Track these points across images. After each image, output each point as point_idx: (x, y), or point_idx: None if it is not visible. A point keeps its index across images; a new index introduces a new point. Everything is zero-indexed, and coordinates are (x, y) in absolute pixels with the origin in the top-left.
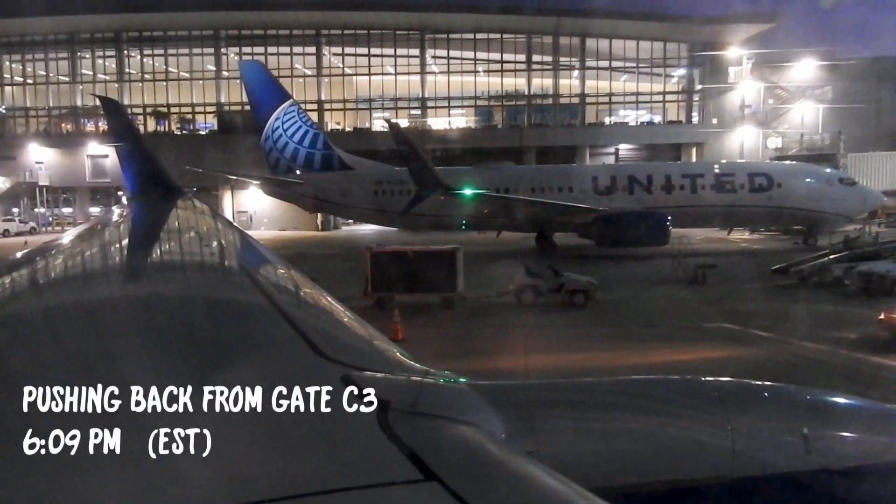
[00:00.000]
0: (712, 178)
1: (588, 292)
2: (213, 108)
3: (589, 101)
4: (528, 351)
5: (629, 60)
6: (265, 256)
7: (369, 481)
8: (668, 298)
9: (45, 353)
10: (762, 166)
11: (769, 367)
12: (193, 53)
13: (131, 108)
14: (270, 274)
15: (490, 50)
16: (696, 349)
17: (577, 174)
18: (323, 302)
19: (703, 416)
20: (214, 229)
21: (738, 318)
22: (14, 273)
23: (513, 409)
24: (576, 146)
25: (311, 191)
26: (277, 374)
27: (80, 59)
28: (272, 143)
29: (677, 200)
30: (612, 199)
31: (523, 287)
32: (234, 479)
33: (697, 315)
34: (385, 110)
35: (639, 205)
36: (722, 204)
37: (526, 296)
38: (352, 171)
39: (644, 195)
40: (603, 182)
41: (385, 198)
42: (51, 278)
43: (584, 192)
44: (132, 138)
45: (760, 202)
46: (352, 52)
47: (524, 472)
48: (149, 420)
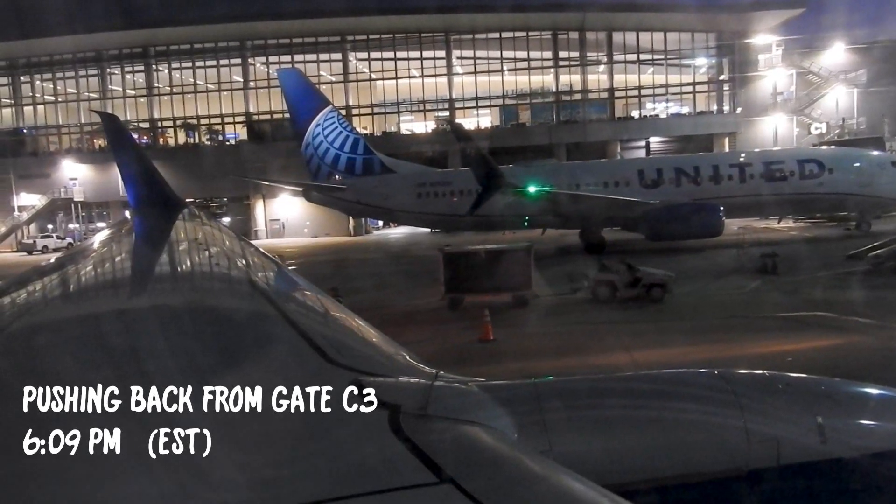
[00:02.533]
0: (761, 167)
1: (666, 286)
2: (242, 118)
3: (617, 95)
4: (628, 347)
5: (657, 52)
6: (271, 266)
7: (384, 485)
8: (746, 289)
9: (59, 363)
10: (812, 152)
11: (885, 354)
12: (221, 65)
13: (161, 121)
14: (277, 283)
15: (516, 48)
16: (800, 339)
17: (622, 168)
18: (330, 308)
19: (716, 410)
20: (219, 240)
21: (830, 306)
22: (27, 286)
23: (523, 408)
24: (605, 141)
25: (353, 195)
26: (288, 382)
27: (109, 76)
28: (313, 149)
29: (726, 191)
30: (659, 192)
31: (598, 283)
32: (250, 485)
33: (784, 305)
34: (413, 113)
35: (687, 197)
36: (773, 192)
37: (601, 291)
38: (393, 174)
39: (692, 187)
40: (649, 175)
41: (428, 199)
42: (65, 291)
43: (631, 185)
44: (133, 153)
45: (812, 189)
46: (378, 56)
47: (538, 471)
48: (162, 428)
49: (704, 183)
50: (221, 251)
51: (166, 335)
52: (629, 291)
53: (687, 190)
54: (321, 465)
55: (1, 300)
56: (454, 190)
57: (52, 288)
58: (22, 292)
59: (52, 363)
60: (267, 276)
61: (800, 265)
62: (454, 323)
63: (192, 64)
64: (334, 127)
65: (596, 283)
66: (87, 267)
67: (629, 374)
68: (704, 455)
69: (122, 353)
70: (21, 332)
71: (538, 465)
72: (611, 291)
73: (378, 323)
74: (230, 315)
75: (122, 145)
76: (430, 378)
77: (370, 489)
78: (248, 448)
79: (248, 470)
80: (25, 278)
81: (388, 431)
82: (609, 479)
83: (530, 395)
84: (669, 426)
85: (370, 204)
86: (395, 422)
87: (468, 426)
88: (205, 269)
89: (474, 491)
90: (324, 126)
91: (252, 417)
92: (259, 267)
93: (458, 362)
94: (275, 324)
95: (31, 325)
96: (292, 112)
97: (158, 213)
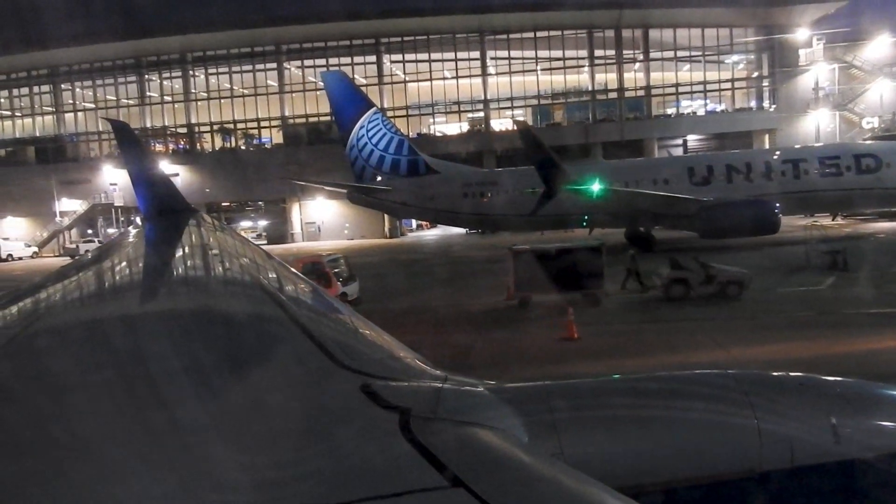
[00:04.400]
0: (816, 162)
1: (742, 283)
2: (278, 121)
3: (654, 92)
4: (722, 344)
5: (694, 49)
6: (281, 271)
7: (394, 489)
8: (823, 285)
9: (69, 368)
10: (868, 147)
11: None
12: (256, 69)
13: (198, 125)
14: (287, 288)
15: (551, 48)
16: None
17: (672, 165)
18: (339, 313)
19: (728, 411)
20: (230, 246)
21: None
22: (38, 292)
23: (535, 411)
24: (642, 139)
25: (398, 196)
26: (298, 385)
27: (147, 82)
28: (357, 151)
29: (780, 187)
30: (710, 189)
31: (672, 280)
32: (260, 488)
33: (872, 300)
34: (447, 114)
35: (739, 193)
36: (828, 188)
37: (676, 289)
38: (438, 175)
39: (744, 183)
40: (700, 172)
41: (475, 200)
42: (74, 297)
43: (681, 183)
44: (143, 160)
45: (869, 184)
46: (412, 58)
47: (550, 474)
48: (171, 431)
49: (757, 179)
50: (232, 257)
51: (177, 340)
52: (704, 289)
53: (739, 186)
54: (331, 468)
55: (7, 308)
56: (502, 190)
57: (61, 293)
58: (32, 298)
59: (61, 367)
60: (277, 280)
61: (868, 260)
62: (529, 322)
63: (228, 69)
64: (378, 128)
65: (669, 280)
66: (97, 274)
67: (640, 376)
68: (717, 456)
69: (133, 359)
70: (29, 337)
71: (549, 468)
72: (685, 289)
73: (450, 324)
74: (240, 320)
75: (133, 153)
76: (440, 381)
77: (380, 493)
78: (259, 451)
79: (259, 473)
80: (37, 284)
81: (397, 434)
82: (620, 482)
83: (540, 398)
84: (681, 428)
85: (415, 205)
86: (405, 425)
87: (478, 429)
88: (215, 275)
89: (485, 494)
90: (368, 128)
91: (262, 421)
92: (269, 272)
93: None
94: (285, 328)
95: (39, 331)
96: (336, 114)
97: (169, 220)
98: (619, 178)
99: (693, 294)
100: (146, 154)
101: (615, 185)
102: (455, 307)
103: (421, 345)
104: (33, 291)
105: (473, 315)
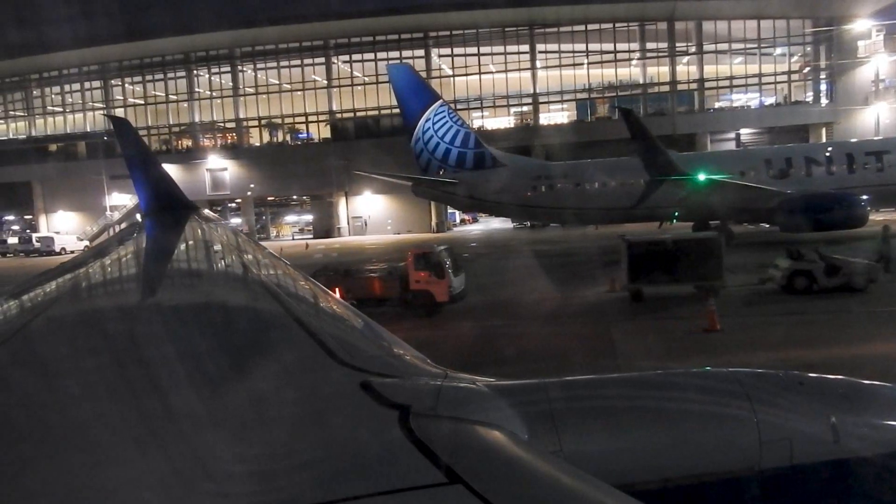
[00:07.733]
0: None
1: (869, 275)
2: (326, 116)
3: (708, 86)
4: (875, 336)
5: (749, 41)
6: (282, 268)
7: (395, 485)
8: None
9: (70, 362)
10: None
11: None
12: (305, 64)
13: (247, 120)
14: (288, 286)
15: (602, 41)
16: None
17: (748, 158)
18: (339, 311)
19: (728, 409)
20: (230, 243)
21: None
22: (41, 287)
23: (534, 408)
24: (695, 133)
25: (465, 190)
26: (299, 383)
27: (196, 77)
28: (423, 144)
29: (862, 180)
30: (789, 181)
31: (795, 272)
32: (261, 484)
33: None
34: (496, 108)
35: (819, 187)
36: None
37: (799, 281)
38: (505, 168)
39: (825, 176)
40: (777, 164)
41: (543, 193)
42: (75, 292)
43: (758, 175)
44: (144, 157)
45: None
46: (461, 52)
47: (549, 472)
48: (172, 428)
49: (839, 172)
50: (232, 254)
51: (178, 336)
52: (830, 281)
53: (820, 179)
54: (331, 464)
55: (7, 303)
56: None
57: (61, 289)
58: (31, 294)
59: (62, 360)
60: (278, 278)
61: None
62: (652, 314)
63: (276, 64)
64: (444, 121)
65: (792, 272)
66: (97, 269)
67: (640, 374)
68: (717, 454)
69: (133, 354)
70: (30, 332)
71: (549, 465)
72: (808, 281)
73: (575, 317)
74: (241, 317)
75: (133, 149)
76: (440, 378)
77: (381, 489)
78: (260, 448)
79: (259, 469)
80: (37, 281)
81: (398, 431)
82: (620, 479)
83: (540, 395)
84: (681, 426)
85: (483, 198)
86: (405, 422)
87: (478, 426)
88: (215, 272)
89: (485, 491)
90: (434, 121)
91: (263, 418)
92: (270, 269)
93: (705, 353)
94: (286, 326)
95: (39, 326)
96: (402, 107)
97: (170, 217)
98: (693, 171)
99: (817, 287)
100: (146, 150)
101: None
102: (563, 300)
103: (562, 339)
104: (34, 287)
105: (590, 307)
